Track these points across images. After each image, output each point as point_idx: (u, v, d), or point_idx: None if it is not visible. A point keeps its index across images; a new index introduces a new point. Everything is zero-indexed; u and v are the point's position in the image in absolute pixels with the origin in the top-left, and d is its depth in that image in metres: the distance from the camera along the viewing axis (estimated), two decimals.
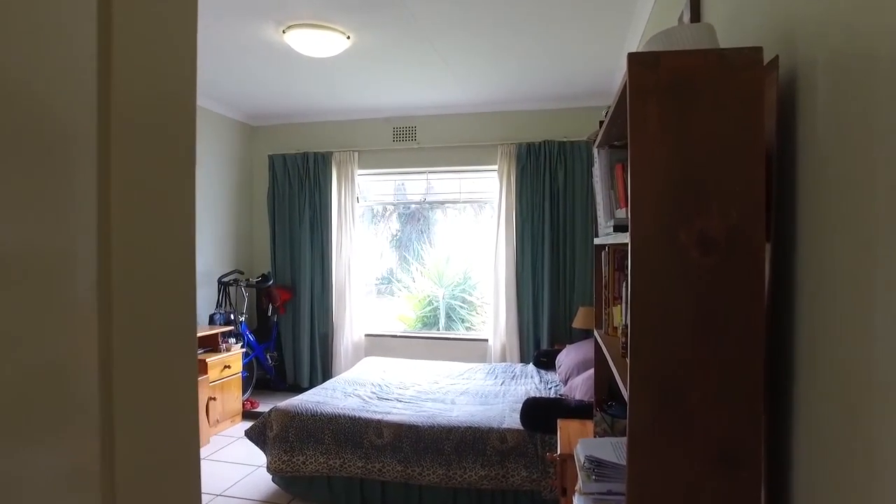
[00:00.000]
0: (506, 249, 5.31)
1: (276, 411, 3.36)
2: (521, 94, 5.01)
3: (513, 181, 5.31)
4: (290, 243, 5.80)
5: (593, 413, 2.59)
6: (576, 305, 5.09)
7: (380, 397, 3.72)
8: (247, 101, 5.34)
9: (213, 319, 4.93)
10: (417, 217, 6.79)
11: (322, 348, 5.74)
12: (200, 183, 5.18)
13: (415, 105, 5.42)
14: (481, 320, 6.52)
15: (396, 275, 6.79)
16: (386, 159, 5.74)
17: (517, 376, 4.31)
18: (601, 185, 2.01)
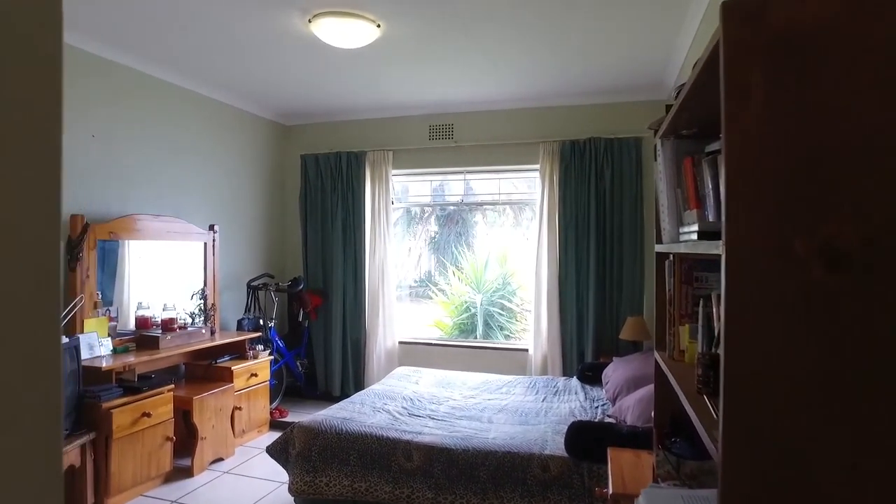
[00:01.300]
0: (548, 254, 4.99)
1: (298, 428, 3.13)
2: (565, 87, 4.68)
3: (555, 181, 4.98)
4: (322, 246, 5.61)
5: (651, 444, 2.26)
6: (623, 315, 4.73)
7: (411, 413, 3.46)
8: (279, 100, 5.17)
9: (241, 325, 4.76)
10: (455, 219, 6.54)
11: (354, 355, 5.52)
12: (232, 184, 5.04)
13: (451, 101, 5.15)
14: (521, 328, 6.21)
15: (434, 278, 6.55)
16: (421, 159, 5.49)
17: (560, 392, 3.98)
18: (666, 182, 1.69)
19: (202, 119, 4.73)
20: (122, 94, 3.96)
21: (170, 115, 4.38)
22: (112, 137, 3.88)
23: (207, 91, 4.71)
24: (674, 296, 1.71)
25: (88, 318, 3.49)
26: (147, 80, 4.15)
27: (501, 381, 4.35)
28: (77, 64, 3.62)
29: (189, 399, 3.71)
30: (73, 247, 3.40)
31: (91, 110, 3.73)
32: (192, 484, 3.61)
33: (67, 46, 3.55)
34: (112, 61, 3.85)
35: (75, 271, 3.43)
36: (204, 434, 3.78)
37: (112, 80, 3.87)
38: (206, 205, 4.76)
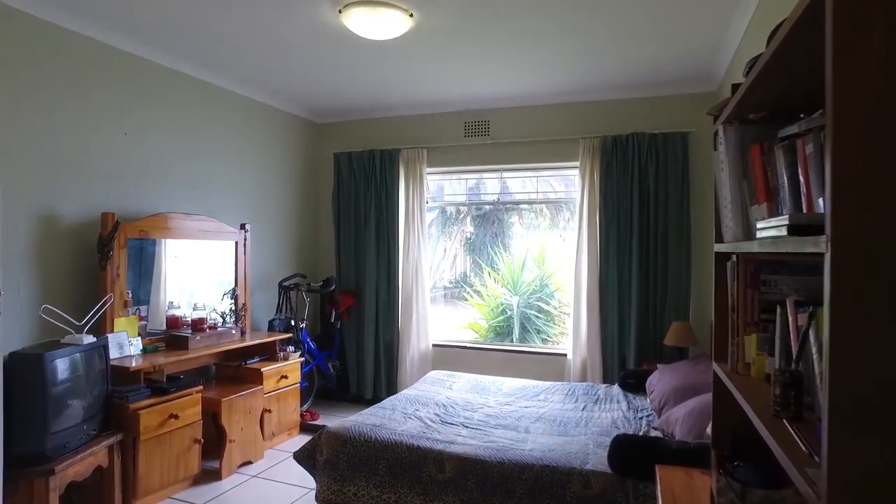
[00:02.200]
0: (588, 254, 4.77)
1: (326, 434, 3.01)
2: (607, 81, 4.46)
3: (596, 179, 4.77)
4: (354, 246, 5.51)
5: (705, 463, 2.06)
6: (667, 320, 4.49)
7: (443, 421, 3.31)
8: (311, 98, 5.09)
9: (272, 326, 4.69)
10: (492, 220, 6.37)
11: (387, 358, 5.40)
12: (264, 182, 4.98)
13: (487, 96, 4.98)
14: (559, 332, 6.00)
15: (469, 280, 6.39)
16: (457, 156, 5.34)
17: (601, 400, 3.77)
18: (729, 173, 1.50)
19: (234, 117, 4.68)
20: (155, 92, 3.92)
21: (202, 113, 4.33)
22: (144, 135, 3.85)
23: (240, 89, 4.66)
24: (737, 301, 1.51)
25: (118, 317, 3.44)
26: (179, 78, 4.11)
27: (539, 387, 4.16)
28: (110, 62, 3.59)
29: (217, 401, 3.64)
30: (103, 245, 3.36)
31: (123, 108, 3.70)
32: (220, 487, 3.53)
33: (100, 44, 3.52)
34: (144, 59, 3.81)
35: (106, 270, 3.38)
36: (232, 437, 3.70)
37: (144, 78, 3.84)
38: (238, 203, 4.71)
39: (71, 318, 3.12)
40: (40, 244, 3.21)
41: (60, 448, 2.81)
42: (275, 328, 4.67)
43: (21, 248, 3.12)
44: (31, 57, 3.14)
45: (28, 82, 3.13)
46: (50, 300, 3.18)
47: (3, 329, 2.93)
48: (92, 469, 2.99)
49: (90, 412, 3.02)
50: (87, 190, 3.46)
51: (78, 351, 2.98)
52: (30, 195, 3.15)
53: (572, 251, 4.92)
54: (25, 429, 2.72)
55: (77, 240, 3.40)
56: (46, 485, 2.72)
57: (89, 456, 2.95)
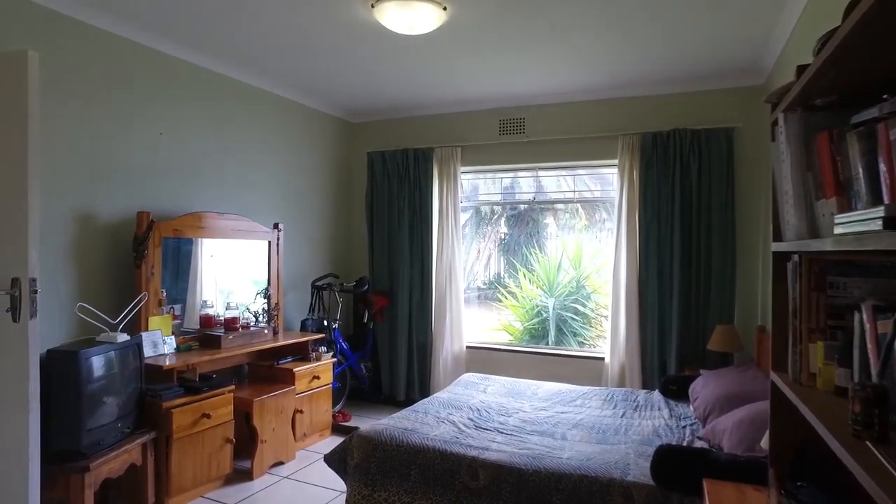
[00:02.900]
0: (627, 255, 4.61)
1: (357, 437, 2.95)
2: (647, 75, 4.30)
3: (636, 177, 4.60)
4: (388, 246, 5.46)
5: (758, 479, 1.92)
6: (711, 323, 4.30)
7: (477, 426, 3.21)
8: (344, 96, 5.06)
9: (304, 326, 4.67)
10: (526, 220, 6.25)
11: (420, 359, 5.34)
12: (297, 182, 4.97)
13: (523, 93, 4.87)
14: (596, 334, 5.84)
15: (503, 281, 6.28)
16: (491, 155, 5.24)
17: (641, 407, 3.62)
18: (790, 165, 1.37)
19: (268, 116, 4.68)
20: (189, 92, 3.94)
21: (236, 112, 4.34)
22: (179, 135, 3.86)
23: (274, 88, 4.65)
24: (800, 306, 1.38)
25: (153, 315, 3.46)
26: (214, 78, 4.12)
27: (576, 391, 4.03)
28: (145, 62, 3.62)
29: (249, 401, 3.62)
30: (138, 244, 3.38)
31: (159, 108, 3.72)
32: (251, 488, 3.51)
33: (136, 44, 3.54)
34: (179, 58, 3.83)
35: (140, 268, 3.40)
36: (264, 437, 3.68)
37: (179, 78, 3.86)
38: (271, 203, 4.71)
39: (106, 316, 3.14)
40: (78, 243, 3.24)
41: (96, 445, 2.82)
42: (307, 328, 4.65)
43: (60, 247, 3.15)
44: (68, 58, 3.17)
45: (65, 83, 3.16)
46: (86, 298, 3.20)
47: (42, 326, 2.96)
48: (126, 466, 3.00)
49: (124, 410, 3.03)
50: (123, 189, 3.48)
51: (113, 349, 2.99)
52: (68, 195, 3.18)
53: (610, 252, 4.77)
54: (62, 425, 2.74)
55: (113, 239, 3.42)
56: (82, 481, 2.72)
57: (123, 454, 2.95)
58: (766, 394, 2.78)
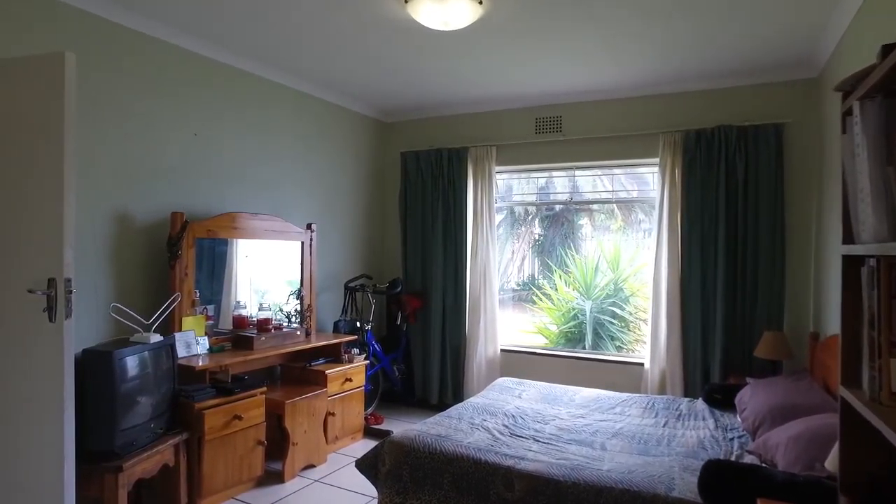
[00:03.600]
0: (668, 257, 4.44)
1: (389, 443, 2.88)
2: (692, 70, 4.13)
3: (678, 176, 4.43)
4: (421, 247, 5.40)
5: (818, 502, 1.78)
6: (758, 329, 4.10)
7: (513, 433, 3.11)
8: (378, 96, 5.01)
9: (337, 327, 4.64)
10: (561, 221, 6.11)
11: (453, 362, 5.25)
12: (330, 182, 4.95)
13: (560, 91, 4.74)
14: (634, 339, 5.67)
15: (538, 283, 6.15)
16: (527, 154, 5.12)
17: (684, 416, 3.46)
18: (868, 159, 1.23)
19: (302, 116, 4.66)
20: (223, 92, 3.94)
21: (269, 112, 4.33)
22: (212, 136, 3.87)
23: (307, 87, 4.63)
24: (878, 315, 1.24)
25: (186, 316, 3.45)
26: (247, 78, 4.12)
27: (614, 398, 3.88)
28: (179, 63, 3.62)
29: (281, 402, 3.59)
30: (172, 244, 3.38)
31: (193, 109, 3.72)
32: (282, 490, 3.48)
33: (172, 46, 3.55)
34: (212, 59, 3.83)
35: (174, 269, 3.40)
36: (296, 439, 3.64)
37: (213, 79, 3.86)
38: (304, 203, 4.69)
39: (140, 316, 3.14)
40: (114, 243, 3.25)
41: (129, 445, 2.82)
42: (340, 330, 4.61)
43: (98, 248, 3.17)
44: (102, 59, 3.18)
45: (102, 84, 3.18)
46: (122, 298, 3.22)
47: (79, 326, 2.98)
48: (159, 467, 2.99)
49: (157, 410, 3.02)
50: (157, 190, 3.49)
51: (146, 349, 2.99)
52: (105, 195, 3.20)
53: (650, 253, 4.60)
54: (96, 425, 2.74)
55: (148, 239, 3.43)
56: (116, 481, 2.72)
57: (156, 454, 2.94)
58: (825, 407, 2.61)
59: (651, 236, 4.63)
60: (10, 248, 2.52)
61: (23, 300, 2.44)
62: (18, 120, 2.51)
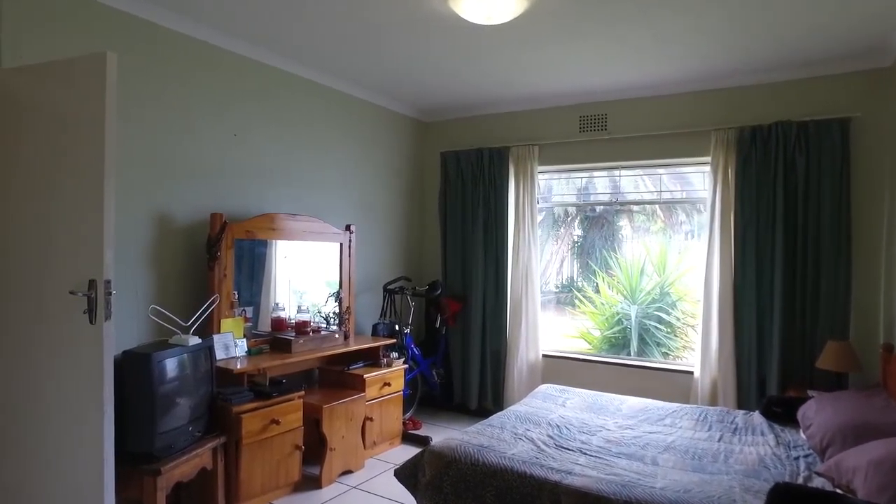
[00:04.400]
0: (720, 260, 4.23)
1: (429, 453, 2.77)
2: (747, 62, 3.91)
3: (731, 175, 4.21)
4: (461, 249, 5.29)
5: None
6: (820, 338, 3.84)
7: (558, 444, 2.96)
8: (417, 95, 4.93)
9: (376, 330, 4.57)
10: (601, 222, 5.92)
11: (493, 367, 5.12)
12: (369, 183, 4.89)
13: (606, 87, 4.57)
14: (682, 345, 5.44)
15: (577, 285, 5.97)
16: (570, 153, 4.96)
17: (740, 430, 3.25)
18: None
19: (341, 116, 4.61)
20: (262, 93, 3.91)
21: (308, 112, 4.29)
22: (251, 136, 3.84)
23: (346, 87, 4.58)
24: None
25: (225, 318, 3.43)
26: (286, 78, 4.08)
27: (664, 409, 3.69)
28: (219, 63, 3.61)
29: (319, 407, 3.53)
30: (211, 245, 3.36)
31: (233, 109, 3.70)
32: (319, 496, 3.42)
33: (211, 46, 3.54)
34: (251, 59, 3.80)
35: (213, 270, 3.38)
36: (333, 445, 3.58)
37: (252, 79, 3.83)
38: (343, 204, 4.63)
39: (178, 318, 3.12)
40: (155, 245, 3.25)
41: (167, 448, 2.79)
42: (378, 333, 4.55)
43: (139, 249, 3.17)
44: (141, 60, 3.18)
45: (141, 85, 3.17)
46: (161, 299, 3.21)
47: (120, 328, 2.97)
48: (197, 470, 2.96)
49: (196, 413, 2.99)
50: (197, 190, 3.48)
51: (185, 352, 2.96)
52: (145, 196, 3.20)
53: (700, 257, 4.39)
54: (135, 427, 2.72)
55: (187, 240, 3.42)
56: (154, 484, 2.70)
57: (194, 457, 2.91)
58: None
59: (700, 238, 4.42)
60: (53, 248, 2.52)
61: (65, 301, 2.43)
62: (61, 122, 2.51)
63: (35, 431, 2.55)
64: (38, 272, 2.55)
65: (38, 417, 2.55)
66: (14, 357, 2.60)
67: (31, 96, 2.58)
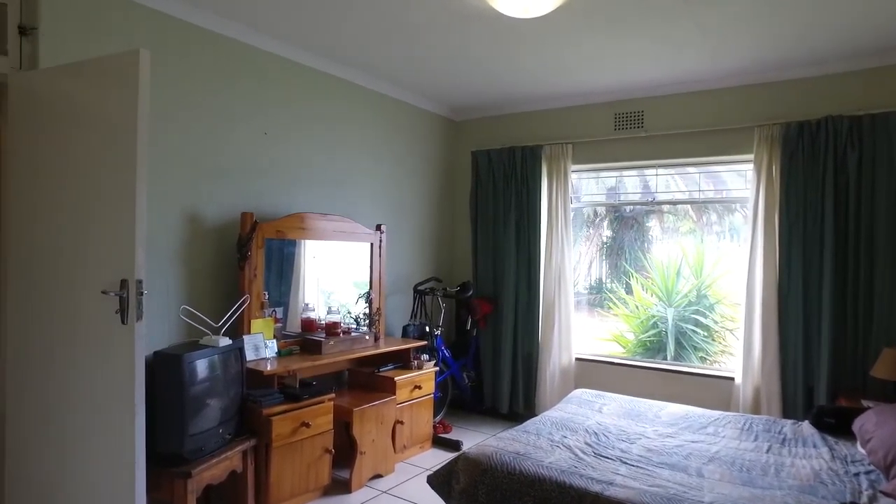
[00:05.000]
0: (763, 262, 4.05)
1: (464, 460, 2.68)
2: (795, 54, 3.74)
3: (775, 173, 4.04)
4: (493, 249, 5.19)
5: None
6: (875, 344, 3.64)
7: (597, 453, 2.84)
8: (449, 93, 4.85)
9: (406, 332, 4.50)
10: (630, 223, 5.76)
11: (525, 370, 5.01)
12: (399, 182, 4.83)
13: (642, 83, 4.43)
14: (720, 349, 5.25)
15: (608, 287, 5.82)
16: (605, 152, 4.83)
17: (789, 441, 3.09)
18: None
19: (371, 115, 4.55)
20: (293, 91, 3.87)
21: (338, 111, 4.24)
22: (281, 135, 3.80)
23: (376, 85, 4.52)
24: None
25: (255, 318, 3.39)
26: (316, 76, 4.04)
27: (705, 416, 3.53)
28: (250, 61, 3.58)
29: (349, 410, 3.47)
30: (242, 245, 3.32)
31: (263, 107, 3.67)
32: (349, 501, 3.36)
33: (242, 44, 3.51)
34: (282, 57, 3.77)
35: (244, 270, 3.34)
36: (363, 448, 3.52)
37: (283, 77, 3.80)
38: (373, 204, 4.58)
39: (208, 318, 3.09)
40: (185, 244, 3.23)
41: (197, 451, 2.75)
42: (409, 334, 4.48)
43: (170, 249, 3.15)
44: (173, 58, 3.16)
45: (173, 83, 3.15)
46: (192, 299, 3.18)
47: (152, 328, 2.96)
48: (227, 473, 2.92)
49: (226, 415, 2.95)
50: (227, 189, 3.45)
51: (216, 353, 2.92)
52: (176, 195, 3.18)
53: (742, 258, 4.21)
54: (166, 429, 2.69)
55: (217, 240, 3.39)
56: (185, 487, 2.66)
57: (224, 460, 2.88)
58: None
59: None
60: (87, 247, 2.50)
61: (98, 301, 2.40)
62: (94, 120, 2.49)
63: (68, 430, 2.54)
64: (72, 271, 2.53)
65: (71, 416, 2.54)
66: (50, 355, 2.59)
67: (65, 96, 2.57)
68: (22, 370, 2.68)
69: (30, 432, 2.66)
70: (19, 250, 2.70)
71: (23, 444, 2.69)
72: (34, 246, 2.64)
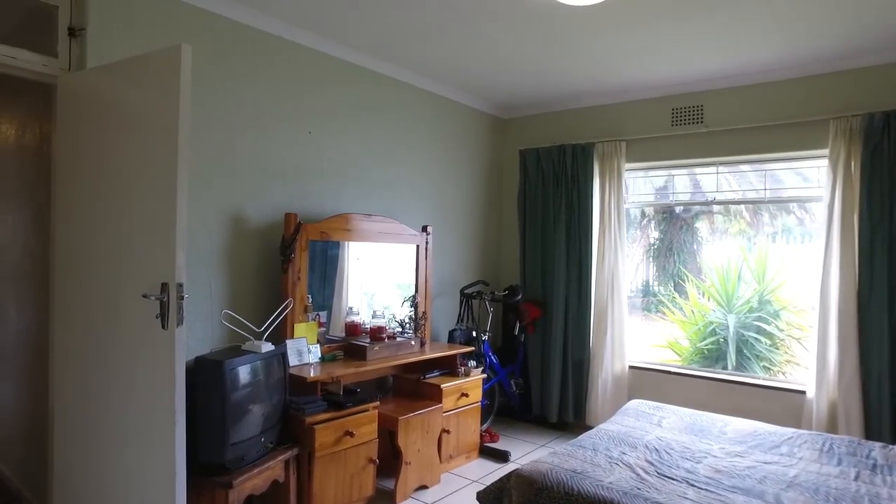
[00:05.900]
0: (840, 266, 3.73)
1: (517, 477, 2.51)
2: (875, 37, 3.41)
3: (854, 169, 3.72)
4: (542, 251, 4.98)
5: None
6: None
7: (660, 473, 2.62)
8: (496, 90, 4.68)
9: (452, 336, 4.34)
10: (679, 224, 5.46)
11: (575, 378, 4.78)
12: (445, 182, 4.68)
13: (702, 75, 4.16)
14: (785, 359, 4.90)
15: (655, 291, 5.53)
16: (661, 149, 4.56)
17: (881, 468, 2.77)
18: None
19: (416, 114, 4.42)
20: (337, 89, 3.77)
21: (383, 110, 4.12)
22: (326, 134, 3.71)
23: (422, 83, 4.38)
24: None
25: (298, 322, 3.29)
26: (361, 74, 3.93)
27: (777, 434, 3.24)
28: (295, 59, 3.49)
29: (394, 419, 3.33)
30: (285, 247, 3.23)
31: (308, 106, 3.58)
32: None
33: (286, 41, 3.43)
34: (326, 54, 3.67)
35: (287, 272, 3.25)
36: (408, 458, 3.38)
37: (326, 75, 3.70)
38: (419, 204, 4.44)
39: (250, 323, 3.00)
40: (227, 246, 3.15)
41: (239, 460, 2.66)
42: (455, 339, 4.32)
43: (212, 251, 3.08)
44: (216, 56, 3.09)
45: (215, 82, 3.09)
46: (233, 303, 3.11)
47: (194, 332, 2.89)
48: (269, 483, 2.82)
49: (268, 423, 2.85)
50: (270, 190, 3.37)
51: (258, 359, 2.83)
52: (218, 196, 3.11)
53: (818, 260, 3.88)
54: (207, 438, 2.61)
55: (260, 241, 3.31)
56: (226, 497, 2.57)
57: (266, 470, 2.78)
58: None
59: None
60: (129, 249, 2.44)
61: (139, 304, 2.33)
62: (136, 120, 2.43)
63: (110, 437, 2.50)
64: (115, 273, 2.48)
65: (112, 423, 2.49)
66: (93, 359, 2.55)
67: (108, 95, 2.52)
68: (68, 372, 2.66)
69: (74, 437, 2.63)
70: (66, 251, 2.68)
71: (68, 448, 2.66)
72: (80, 247, 2.61)
